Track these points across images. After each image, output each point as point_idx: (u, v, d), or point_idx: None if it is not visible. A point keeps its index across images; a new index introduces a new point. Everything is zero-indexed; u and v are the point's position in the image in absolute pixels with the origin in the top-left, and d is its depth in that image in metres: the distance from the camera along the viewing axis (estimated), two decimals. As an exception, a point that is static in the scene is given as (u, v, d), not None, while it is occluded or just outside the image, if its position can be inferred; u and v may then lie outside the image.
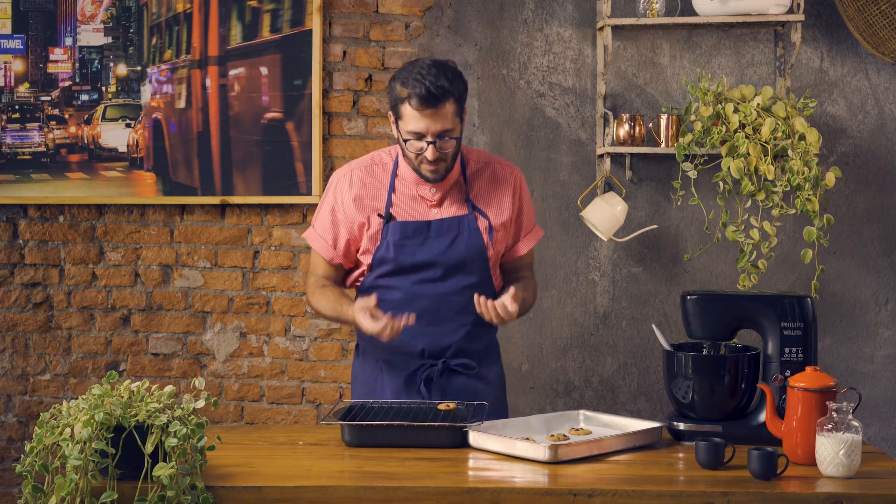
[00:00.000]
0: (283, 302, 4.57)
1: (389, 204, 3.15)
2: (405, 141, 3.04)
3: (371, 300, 3.02)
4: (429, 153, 3.02)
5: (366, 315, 3.00)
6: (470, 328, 3.16)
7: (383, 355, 3.22)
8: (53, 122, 4.53)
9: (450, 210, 3.15)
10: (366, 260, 3.18)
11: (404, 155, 3.10)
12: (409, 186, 3.16)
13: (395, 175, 3.17)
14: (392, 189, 3.16)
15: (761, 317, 2.99)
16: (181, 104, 4.51)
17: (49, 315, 4.59)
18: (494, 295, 3.19)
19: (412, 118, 3.00)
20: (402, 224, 3.12)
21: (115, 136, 4.54)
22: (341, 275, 3.27)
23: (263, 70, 4.48)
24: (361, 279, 3.23)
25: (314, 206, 4.52)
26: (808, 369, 2.76)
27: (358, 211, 3.16)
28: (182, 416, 2.45)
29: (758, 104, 4.14)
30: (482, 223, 3.15)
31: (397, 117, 3.06)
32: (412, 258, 3.12)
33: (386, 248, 3.13)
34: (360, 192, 3.17)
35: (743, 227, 4.22)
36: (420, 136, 3.01)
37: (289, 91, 4.48)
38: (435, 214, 3.15)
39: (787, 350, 2.95)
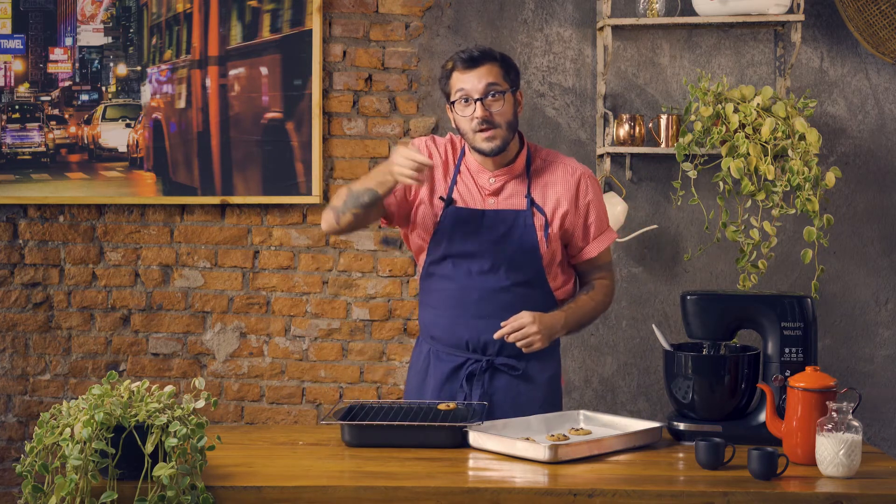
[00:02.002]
0: (283, 302, 4.57)
1: (452, 188, 3.15)
2: (453, 104, 3.06)
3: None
4: (477, 111, 3.03)
5: (398, 152, 2.96)
6: None
7: (433, 346, 3.22)
8: (53, 122, 4.53)
9: (508, 202, 3.13)
10: (423, 241, 3.18)
11: (461, 134, 3.11)
12: (470, 175, 3.16)
13: (461, 161, 3.17)
14: (458, 171, 3.17)
15: (761, 317, 2.99)
16: (181, 104, 4.51)
17: (49, 315, 4.59)
18: (550, 295, 3.17)
19: (458, 81, 3.06)
20: (457, 210, 3.12)
21: (115, 136, 4.54)
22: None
23: (263, 70, 4.48)
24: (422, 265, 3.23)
25: (314, 205, 4.53)
26: (808, 369, 2.76)
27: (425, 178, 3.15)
28: (182, 416, 2.45)
29: (758, 104, 4.14)
30: (538, 220, 3.12)
31: (448, 94, 3.09)
32: (462, 246, 3.12)
33: (441, 233, 3.14)
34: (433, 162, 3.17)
35: (743, 227, 4.22)
36: (467, 98, 3.04)
37: (289, 91, 4.48)
38: (491, 204, 3.13)
39: (787, 350, 2.95)
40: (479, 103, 3.03)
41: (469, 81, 3.04)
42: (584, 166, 3.22)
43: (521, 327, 3.03)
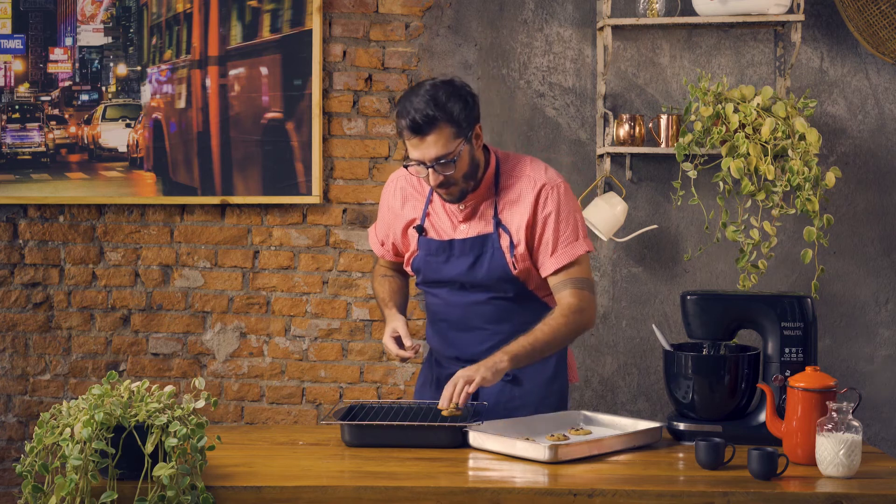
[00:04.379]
0: (283, 302, 4.57)
1: (424, 217, 3.15)
2: (407, 166, 3.03)
3: (402, 329, 3.10)
4: (431, 179, 2.98)
5: (391, 340, 3.12)
6: (504, 337, 3.10)
7: (436, 354, 3.27)
8: (53, 122, 4.53)
9: (477, 227, 3.10)
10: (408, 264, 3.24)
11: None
12: (441, 201, 3.13)
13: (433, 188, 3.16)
14: (429, 201, 3.16)
15: (761, 317, 2.99)
16: (181, 104, 4.51)
17: (49, 315, 4.59)
18: (543, 305, 3.14)
19: (409, 146, 2.99)
20: (427, 241, 3.13)
21: (115, 136, 4.54)
22: (401, 262, 3.32)
23: (263, 70, 4.48)
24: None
25: (314, 205, 4.53)
26: (808, 369, 2.76)
27: (399, 218, 3.21)
28: (182, 416, 2.45)
29: (758, 104, 4.14)
30: (505, 241, 3.07)
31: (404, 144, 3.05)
32: (436, 275, 3.14)
33: (417, 260, 3.17)
34: (402, 201, 3.20)
35: (743, 227, 4.22)
36: (420, 163, 2.98)
37: (289, 91, 4.48)
38: (462, 231, 3.11)
39: (787, 350, 2.95)
40: (431, 171, 2.97)
41: (418, 150, 2.96)
42: (549, 175, 3.10)
43: (453, 389, 2.88)
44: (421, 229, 3.14)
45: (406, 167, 3.03)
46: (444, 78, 3.03)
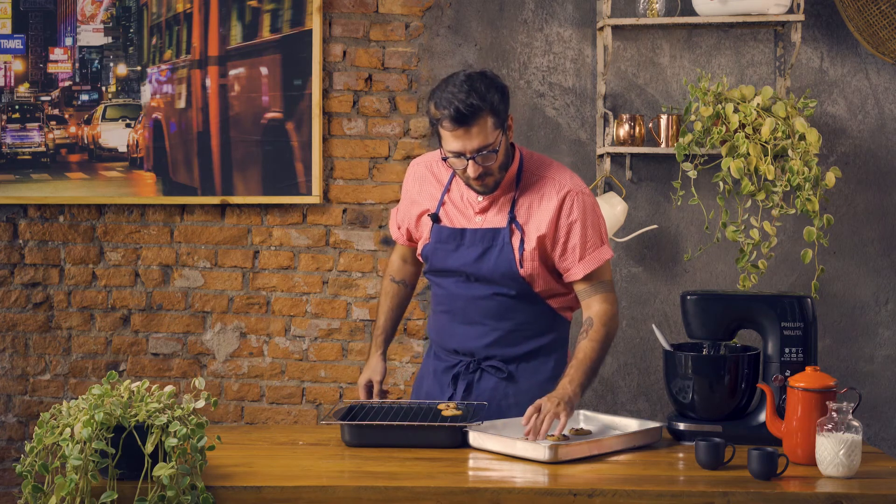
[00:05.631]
0: (283, 302, 4.57)
1: (440, 204, 3.15)
2: (445, 159, 3.01)
3: (376, 386, 3.30)
4: (470, 170, 2.96)
5: (363, 389, 3.32)
6: (503, 334, 3.11)
7: (434, 345, 3.28)
8: (53, 122, 4.53)
9: (493, 220, 3.09)
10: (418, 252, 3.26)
11: (454, 170, 3.08)
12: (462, 189, 3.13)
13: (454, 174, 3.14)
14: (447, 189, 3.15)
15: (761, 317, 2.99)
16: (181, 104, 4.51)
17: (49, 315, 4.59)
18: (543, 305, 3.14)
19: (448, 139, 2.95)
20: (440, 228, 3.13)
21: (115, 136, 4.54)
22: (414, 247, 3.32)
23: (263, 70, 4.48)
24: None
25: (314, 205, 4.53)
26: (808, 369, 2.76)
27: (414, 205, 3.21)
28: (182, 416, 2.45)
29: (758, 104, 4.14)
30: (516, 238, 3.06)
31: (437, 136, 3.01)
32: (443, 263, 3.13)
33: (427, 248, 3.16)
34: (420, 188, 3.20)
35: (743, 227, 4.22)
36: (459, 155, 2.96)
37: (289, 91, 4.48)
38: (478, 222, 3.10)
39: (787, 350, 2.95)
40: (471, 162, 2.95)
41: (460, 142, 2.93)
42: (574, 181, 3.11)
43: (534, 417, 2.84)
44: (436, 217, 3.14)
45: (444, 160, 3.01)
46: (474, 70, 3.03)
